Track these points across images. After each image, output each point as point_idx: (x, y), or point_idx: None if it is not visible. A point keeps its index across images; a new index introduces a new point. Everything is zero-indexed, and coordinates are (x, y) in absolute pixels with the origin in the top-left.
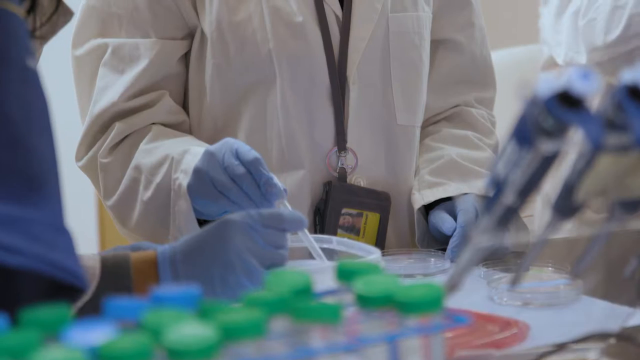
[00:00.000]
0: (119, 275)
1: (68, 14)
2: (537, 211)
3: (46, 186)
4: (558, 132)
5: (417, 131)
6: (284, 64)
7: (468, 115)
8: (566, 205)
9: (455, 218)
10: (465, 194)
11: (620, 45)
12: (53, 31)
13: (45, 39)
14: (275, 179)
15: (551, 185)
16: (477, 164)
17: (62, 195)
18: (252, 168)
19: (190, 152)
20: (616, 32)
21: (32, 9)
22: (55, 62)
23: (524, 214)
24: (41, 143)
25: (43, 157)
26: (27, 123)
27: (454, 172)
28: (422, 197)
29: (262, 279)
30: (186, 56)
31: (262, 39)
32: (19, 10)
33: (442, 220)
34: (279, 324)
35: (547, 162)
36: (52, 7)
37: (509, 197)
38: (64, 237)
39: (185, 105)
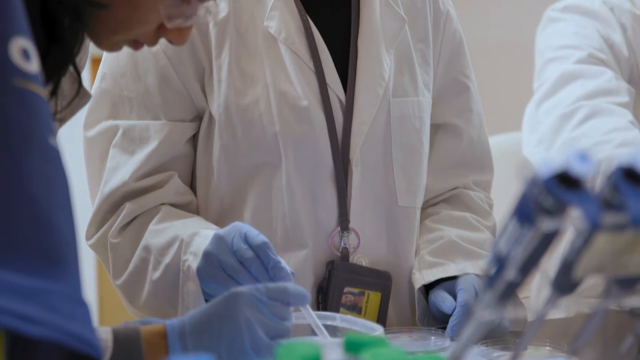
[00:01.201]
0: (131, 348)
1: (86, 96)
2: (534, 292)
3: (65, 260)
4: (557, 211)
5: (418, 212)
6: (290, 146)
7: (466, 198)
8: (565, 282)
9: (455, 297)
10: (465, 274)
11: None
12: (72, 113)
13: (64, 120)
14: (283, 263)
15: (549, 262)
16: (476, 244)
17: (80, 268)
18: (260, 252)
19: (200, 234)
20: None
21: (54, 92)
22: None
23: (521, 295)
24: (61, 218)
25: (62, 232)
26: (48, 199)
27: (454, 252)
28: (422, 277)
29: (267, 350)
30: (194, 138)
31: (269, 122)
32: (43, 92)
33: (443, 299)
34: None
35: (547, 240)
36: (73, 91)
37: (510, 273)
38: (81, 308)
39: (192, 185)
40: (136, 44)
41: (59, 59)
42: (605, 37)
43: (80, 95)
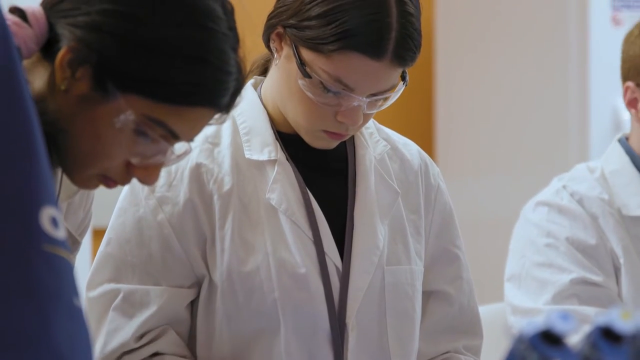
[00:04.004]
0: None
1: (76, 244)
2: None
3: None
4: None
5: None
6: (288, 312)
7: None
8: None
9: None
10: None
11: None
12: None
13: None
14: None
15: None
16: None
17: None
18: None
19: None
20: None
21: None
22: None
23: None
24: None
25: None
26: (72, 354)
27: None
28: None
29: None
30: (192, 303)
31: (269, 288)
32: (69, 256)
33: None
34: None
35: None
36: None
37: None
38: None
39: (193, 349)
40: (107, 180)
41: None
42: (577, 243)
43: (71, 241)
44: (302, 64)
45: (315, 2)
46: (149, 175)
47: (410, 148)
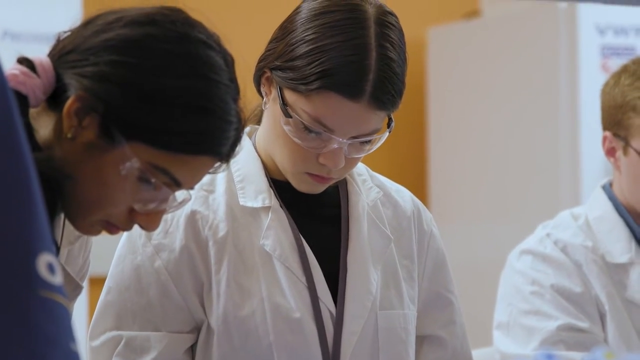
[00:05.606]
0: None
1: (78, 288)
2: None
3: None
4: None
5: None
6: (283, 355)
7: None
8: None
9: None
10: None
11: None
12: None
13: None
14: None
15: None
16: None
17: None
18: None
19: None
20: None
21: None
22: None
23: None
24: None
25: None
26: None
27: None
28: None
29: None
30: (192, 347)
31: (264, 332)
32: (65, 301)
33: None
34: None
35: None
36: (70, 288)
37: None
38: None
39: None
40: (109, 226)
41: None
42: (562, 290)
43: (73, 285)
44: (284, 104)
45: (298, 44)
46: (150, 222)
47: (403, 194)
